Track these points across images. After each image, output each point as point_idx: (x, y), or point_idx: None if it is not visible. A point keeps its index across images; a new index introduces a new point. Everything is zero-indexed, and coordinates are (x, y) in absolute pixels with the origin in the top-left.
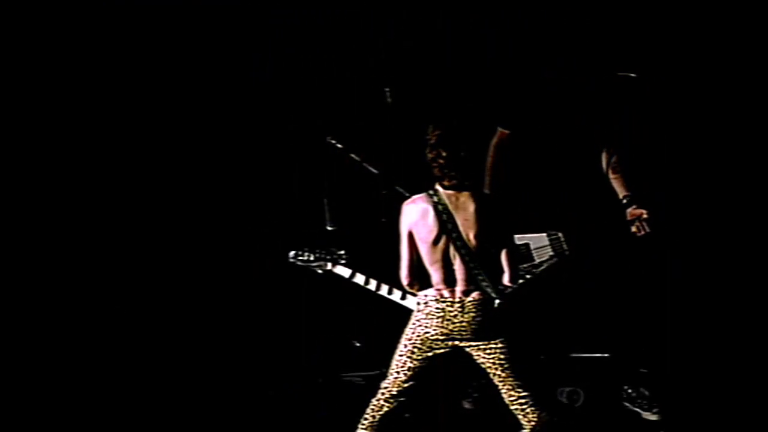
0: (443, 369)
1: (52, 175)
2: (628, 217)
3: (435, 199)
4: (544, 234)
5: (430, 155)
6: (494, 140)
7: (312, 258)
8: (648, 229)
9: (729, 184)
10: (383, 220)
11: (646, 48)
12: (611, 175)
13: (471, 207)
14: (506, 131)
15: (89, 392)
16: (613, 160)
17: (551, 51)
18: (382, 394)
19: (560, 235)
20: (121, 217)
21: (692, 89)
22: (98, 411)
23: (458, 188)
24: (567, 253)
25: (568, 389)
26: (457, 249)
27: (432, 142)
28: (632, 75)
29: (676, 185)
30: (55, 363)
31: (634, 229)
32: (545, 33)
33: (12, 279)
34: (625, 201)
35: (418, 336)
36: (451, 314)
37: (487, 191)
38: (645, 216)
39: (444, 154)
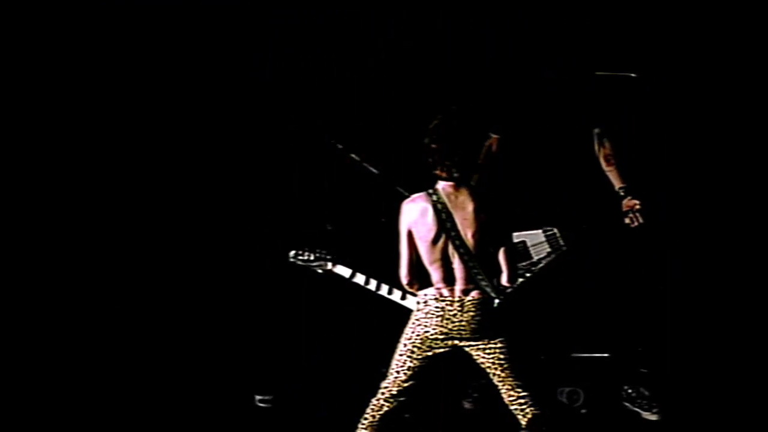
0: (443, 369)
1: (53, 176)
2: (624, 209)
3: (434, 198)
4: (540, 231)
5: (426, 142)
6: (485, 144)
7: (312, 258)
8: (641, 220)
9: (729, 184)
10: (383, 220)
11: (646, 48)
12: (606, 168)
13: (470, 206)
14: (497, 136)
15: (89, 392)
16: (607, 151)
17: (551, 51)
18: (382, 393)
19: (556, 231)
20: (121, 217)
21: (692, 89)
22: (98, 411)
23: (449, 180)
24: (564, 248)
25: (568, 389)
26: (456, 248)
27: (430, 128)
28: (632, 75)
29: (677, 185)
30: (55, 363)
31: (627, 220)
32: (545, 33)
33: (12, 279)
34: (621, 192)
35: (418, 335)
36: (451, 313)
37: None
38: (638, 207)
39: (439, 142)
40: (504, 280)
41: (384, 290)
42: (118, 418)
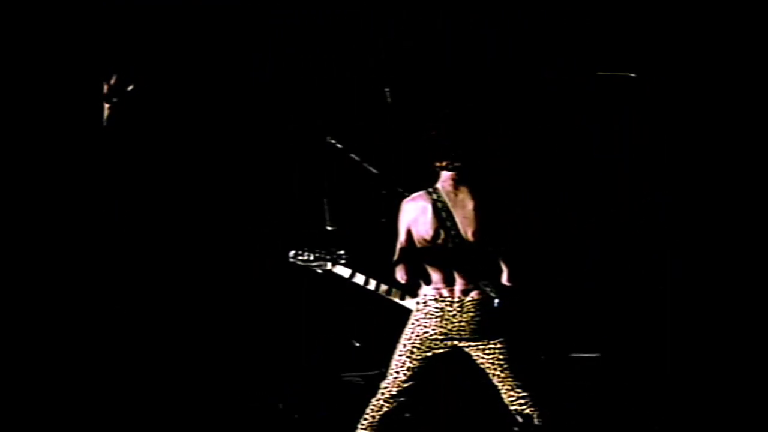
0: (443, 369)
1: (52, 175)
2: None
3: (434, 196)
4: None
5: (428, 132)
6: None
7: (312, 258)
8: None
9: (729, 184)
10: (383, 220)
11: (646, 48)
12: None
13: (470, 204)
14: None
15: (89, 393)
16: None
17: (551, 51)
18: (382, 394)
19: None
20: (120, 217)
21: (692, 89)
22: (98, 412)
23: (449, 169)
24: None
25: None
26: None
27: (432, 119)
28: (632, 75)
29: (676, 185)
30: (54, 363)
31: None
32: (545, 33)
33: (12, 279)
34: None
35: (417, 336)
36: (450, 314)
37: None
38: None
39: (441, 131)
40: (505, 278)
41: (384, 290)
42: (117, 418)
